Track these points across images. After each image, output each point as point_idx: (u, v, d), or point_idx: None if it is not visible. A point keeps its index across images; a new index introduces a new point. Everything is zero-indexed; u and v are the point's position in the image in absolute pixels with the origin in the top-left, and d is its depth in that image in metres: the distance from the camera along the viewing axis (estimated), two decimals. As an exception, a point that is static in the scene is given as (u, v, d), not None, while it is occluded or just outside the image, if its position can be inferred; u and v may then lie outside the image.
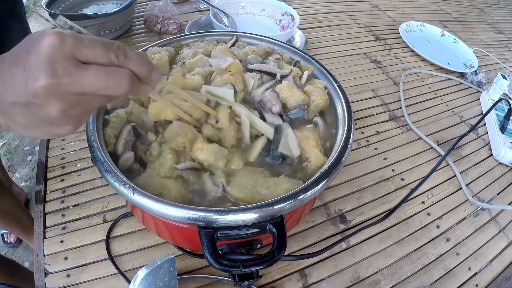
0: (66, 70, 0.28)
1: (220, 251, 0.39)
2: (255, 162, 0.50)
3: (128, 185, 0.39)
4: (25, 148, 1.99)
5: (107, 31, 0.96)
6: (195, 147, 0.46)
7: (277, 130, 0.52)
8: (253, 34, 0.68)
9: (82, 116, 0.32)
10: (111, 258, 0.55)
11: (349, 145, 0.47)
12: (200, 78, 0.52)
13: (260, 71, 0.57)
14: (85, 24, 0.91)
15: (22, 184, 1.81)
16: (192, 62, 0.57)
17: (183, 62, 0.58)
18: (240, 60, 0.59)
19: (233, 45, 0.65)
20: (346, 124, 0.50)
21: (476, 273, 0.62)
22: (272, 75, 0.57)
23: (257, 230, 0.40)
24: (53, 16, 0.91)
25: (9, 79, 0.29)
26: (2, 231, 1.57)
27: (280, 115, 0.53)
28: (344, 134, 0.49)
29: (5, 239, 1.57)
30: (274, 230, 0.40)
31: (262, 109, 0.53)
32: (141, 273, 0.45)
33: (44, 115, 0.30)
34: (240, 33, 0.68)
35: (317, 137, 0.52)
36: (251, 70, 0.57)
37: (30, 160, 1.93)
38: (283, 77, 0.57)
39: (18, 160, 1.94)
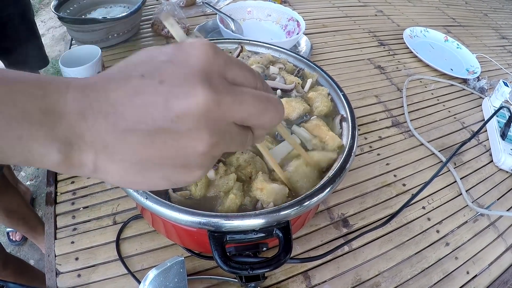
0: (225, 86, 0.22)
1: (228, 253, 0.41)
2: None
3: (141, 191, 0.41)
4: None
5: (115, 35, 0.98)
6: (255, 186, 0.46)
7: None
8: (259, 42, 0.69)
9: (215, 159, 0.25)
10: (121, 259, 0.56)
11: (352, 153, 0.49)
12: None
13: None
14: (94, 28, 0.93)
15: (28, 183, 1.83)
16: None
17: None
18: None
19: (237, 56, 0.66)
20: (350, 133, 0.52)
21: (474, 277, 0.63)
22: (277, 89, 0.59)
23: (264, 234, 0.41)
24: (63, 20, 0.93)
25: (126, 97, 0.21)
26: (8, 229, 1.60)
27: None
28: (348, 142, 0.51)
29: (11, 237, 1.59)
30: (280, 234, 0.41)
31: None
32: (151, 274, 0.47)
33: (183, 149, 0.22)
34: (248, 41, 0.69)
35: (325, 124, 0.55)
36: None
37: (36, 159, 1.95)
38: (287, 91, 0.59)
39: (24, 158, 1.96)
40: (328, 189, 0.44)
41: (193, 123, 0.21)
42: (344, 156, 0.49)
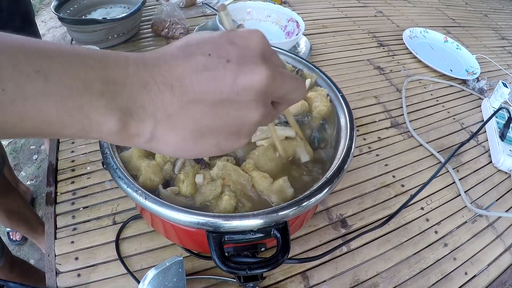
0: (275, 67, 0.26)
1: (226, 254, 0.41)
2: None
3: (140, 191, 0.41)
4: (31, 147, 2.02)
5: (115, 35, 0.99)
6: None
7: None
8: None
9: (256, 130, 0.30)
10: (121, 258, 0.57)
11: (351, 154, 0.49)
12: None
13: None
14: (94, 29, 0.93)
15: (28, 182, 1.83)
16: None
17: None
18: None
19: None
20: (348, 133, 0.52)
21: (472, 278, 0.64)
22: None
23: (262, 234, 0.41)
24: (63, 20, 0.93)
25: (193, 72, 0.24)
26: (8, 229, 1.60)
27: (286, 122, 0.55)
28: (347, 143, 0.51)
29: (11, 237, 1.59)
30: (278, 235, 0.42)
31: None
32: (151, 274, 0.47)
33: (241, 118, 0.26)
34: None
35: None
36: None
37: (36, 159, 1.96)
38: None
39: (24, 159, 1.96)
40: (326, 189, 0.45)
41: (255, 96, 0.25)
42: (342, 156, 0.49)
